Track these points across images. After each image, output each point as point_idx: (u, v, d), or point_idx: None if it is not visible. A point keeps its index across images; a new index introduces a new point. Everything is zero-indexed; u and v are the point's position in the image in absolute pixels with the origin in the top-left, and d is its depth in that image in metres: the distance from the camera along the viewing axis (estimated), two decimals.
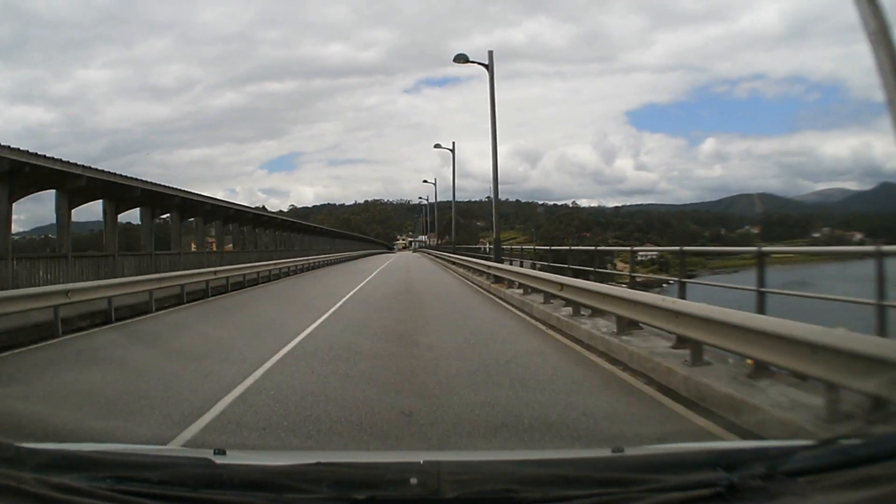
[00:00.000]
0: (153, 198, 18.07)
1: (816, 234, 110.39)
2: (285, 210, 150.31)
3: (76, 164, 13.59)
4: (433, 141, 42.18)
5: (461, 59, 18.52)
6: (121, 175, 15.68)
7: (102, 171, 14.68)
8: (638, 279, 9.57)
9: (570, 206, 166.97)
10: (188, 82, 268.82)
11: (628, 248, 10.82)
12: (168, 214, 20.86)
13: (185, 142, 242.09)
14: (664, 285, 12.87)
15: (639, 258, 10.77)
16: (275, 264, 25.59)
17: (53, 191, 14.19)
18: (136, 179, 16.50)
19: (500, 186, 18.85)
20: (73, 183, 13.68)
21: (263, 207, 47.79)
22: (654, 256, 72.59)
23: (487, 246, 28.73)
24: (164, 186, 18.59)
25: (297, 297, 17.22)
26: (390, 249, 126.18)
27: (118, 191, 15.92)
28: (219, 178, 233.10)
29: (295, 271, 28.58)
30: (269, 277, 23.76)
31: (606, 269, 14.08)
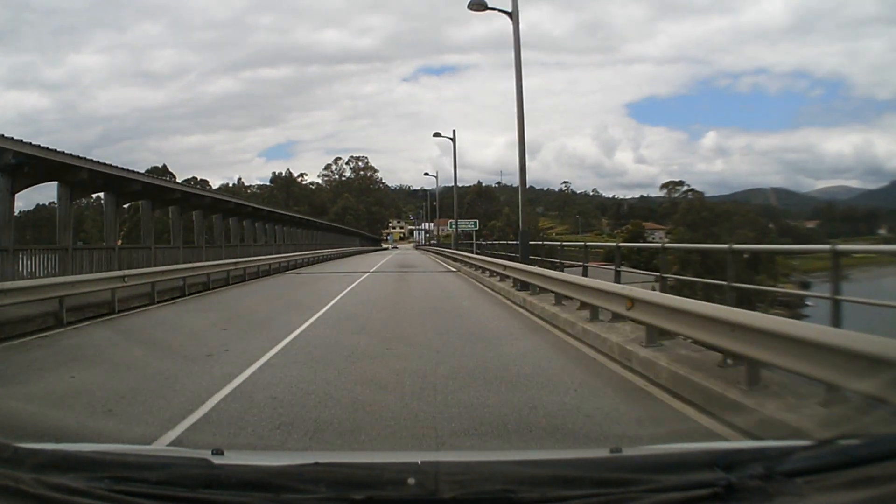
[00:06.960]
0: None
1: (881, 231, 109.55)
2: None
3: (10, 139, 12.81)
4: (431, 130, 40.92)
5: (478, 6, 15.63)
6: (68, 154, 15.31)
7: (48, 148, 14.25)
8: None
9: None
10: (182, 68, 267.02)
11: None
12: None
13: (181, 129, 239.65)
14: None
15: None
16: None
17: None
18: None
19: (500, 177, 15.38)
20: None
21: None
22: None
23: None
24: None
25: None
26: (376, 244, 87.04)
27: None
28: (216, 166, 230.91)
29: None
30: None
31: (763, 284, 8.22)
